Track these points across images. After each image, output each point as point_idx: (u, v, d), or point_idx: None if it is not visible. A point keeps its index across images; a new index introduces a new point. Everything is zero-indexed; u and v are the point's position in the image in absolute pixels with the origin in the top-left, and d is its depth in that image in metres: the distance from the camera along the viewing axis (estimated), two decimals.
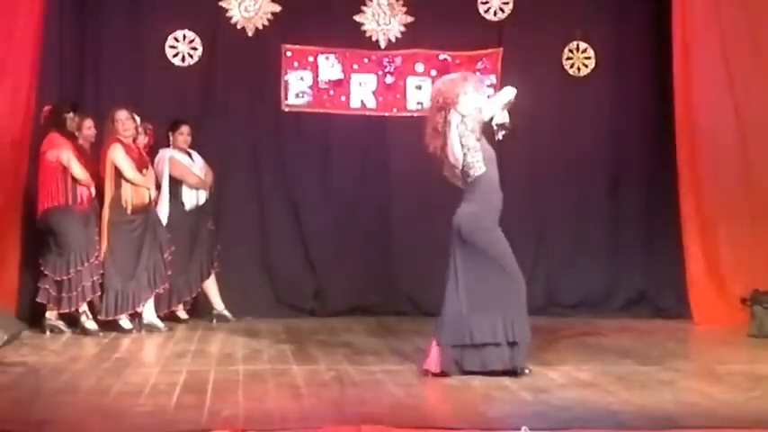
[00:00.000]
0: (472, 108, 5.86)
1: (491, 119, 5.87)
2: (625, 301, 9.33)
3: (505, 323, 5.72)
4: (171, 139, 8.42)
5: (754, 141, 8.72)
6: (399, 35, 9.23)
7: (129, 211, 7.77)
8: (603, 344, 7.31)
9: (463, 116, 5.85)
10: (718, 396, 5.28)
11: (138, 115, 7.97)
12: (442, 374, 5.77)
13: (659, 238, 9.26)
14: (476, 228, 5.81)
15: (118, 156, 7.75)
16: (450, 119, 5.89)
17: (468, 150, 5.82)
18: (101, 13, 8.77)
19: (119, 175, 7.75)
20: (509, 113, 5.90)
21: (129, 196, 7.77)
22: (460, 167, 5.88)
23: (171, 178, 8.29)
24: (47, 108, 7.83)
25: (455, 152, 5.87)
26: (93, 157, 7.92)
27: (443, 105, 5.93)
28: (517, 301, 5.79)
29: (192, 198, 8.40)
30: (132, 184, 7.77)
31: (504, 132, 5.92)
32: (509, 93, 5.91)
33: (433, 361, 5.82)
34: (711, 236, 8.74)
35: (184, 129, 8.43)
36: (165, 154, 8.34)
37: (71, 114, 7.74)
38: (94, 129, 8.05)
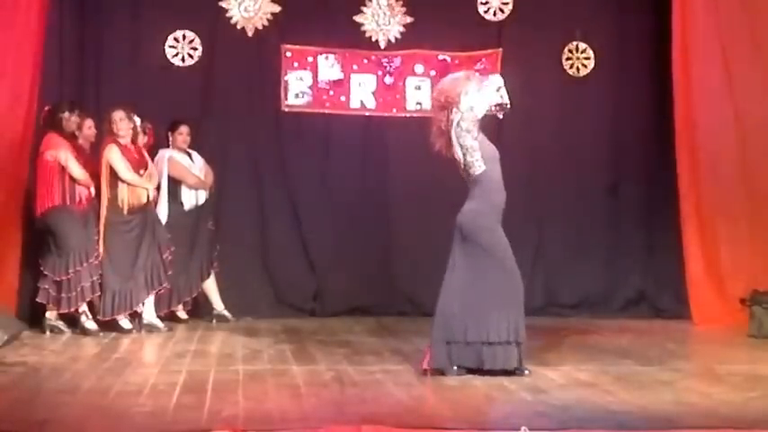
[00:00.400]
0: (469, 107, 5.87)
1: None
2: (624, 302, 9.33)
3: (501, 322, 5.71)
4: (170, 139, 8.43)
5: (754, 141, 8.71)
6: (399, 35, 9.22)
7: (125, 212, 7.77)
8: (603, 344, 7.31)
9: (462, 115, 5.86)
10: (717, 396, 5.28)
11: (138, 115, 7.96)
12: (438, 372, 5.77)
13: (659, 238, 9.27)
14: (476, 226, 5.80)
15: (113, 156, 7.75)
16: (453, 118, 5.89)
17: (466, 150, 5.82)
18: (101, 12, 8.78)
19: (115, 175, 7.75)
20: (507, 92, 5.92)
21: (125, 196, 7.77)
22: (462, 167, 5.89)
23: (170, 178, 8.29)
24: (46, 108, 7.83)
25: (456, 152, 5.88)
26: (93, 157, 7.92)
27: (446, 104, 5.94)
28: (515, 300, 5.79)
29: (192, 198, 8.40)
30: (128, 184, 7.77)
31: (503, 112, 5.95)
32: (496, 81, 5.94)
33: (428, 358, 5.82)
34: (711, 236, 8.73)
35: (183, 129, 8.43)
36: (164, 154, 8.34)
37: (66, 114, 7.72)
38: (95, 129, 8.05)
